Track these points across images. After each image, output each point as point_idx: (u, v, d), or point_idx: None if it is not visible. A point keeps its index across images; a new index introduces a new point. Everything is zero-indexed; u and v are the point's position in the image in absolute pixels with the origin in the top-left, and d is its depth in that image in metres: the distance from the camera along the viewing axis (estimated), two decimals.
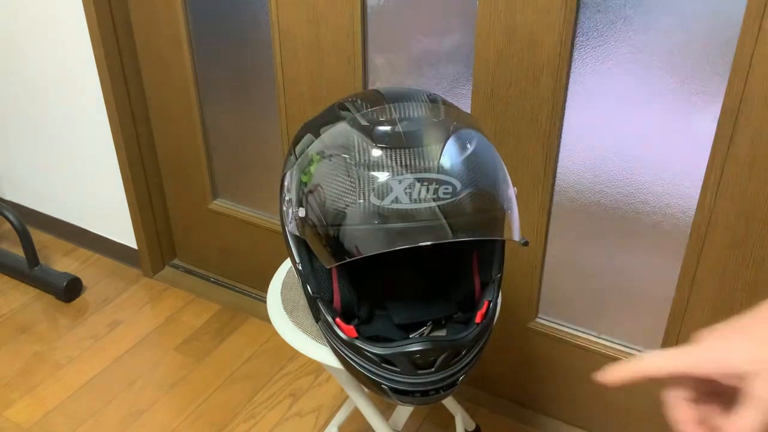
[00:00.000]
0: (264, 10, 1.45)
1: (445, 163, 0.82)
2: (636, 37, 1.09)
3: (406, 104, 0.88)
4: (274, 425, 1.53)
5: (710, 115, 1.08)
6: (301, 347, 1.00)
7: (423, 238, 0.81)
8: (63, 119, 1.87)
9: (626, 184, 1.21)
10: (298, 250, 0.94)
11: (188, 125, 1.72)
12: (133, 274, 2.00)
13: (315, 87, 1.44)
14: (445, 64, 1.29)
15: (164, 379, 1.65)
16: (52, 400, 1.60)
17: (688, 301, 1.23)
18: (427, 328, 0.98)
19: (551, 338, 1.42)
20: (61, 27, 1.70)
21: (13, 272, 1.97)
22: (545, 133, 1.22)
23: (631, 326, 1.34)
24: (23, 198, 2.17)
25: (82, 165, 1.92)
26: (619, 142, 1.19)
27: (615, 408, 1.43)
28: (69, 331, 1.80)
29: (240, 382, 1.64)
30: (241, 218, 1.79)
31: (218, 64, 1.60)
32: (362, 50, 1.35)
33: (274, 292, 1.10)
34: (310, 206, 0.85)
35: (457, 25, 1.24)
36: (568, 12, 1.10)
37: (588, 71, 1.15)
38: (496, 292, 0.94)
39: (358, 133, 0.85)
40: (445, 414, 1.47)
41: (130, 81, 1.72)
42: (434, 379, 0.86)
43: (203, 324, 1.82)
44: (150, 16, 1.61)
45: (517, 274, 1.39)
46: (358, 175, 0.82)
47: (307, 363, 1.67)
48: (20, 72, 1.87)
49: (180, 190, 1.87)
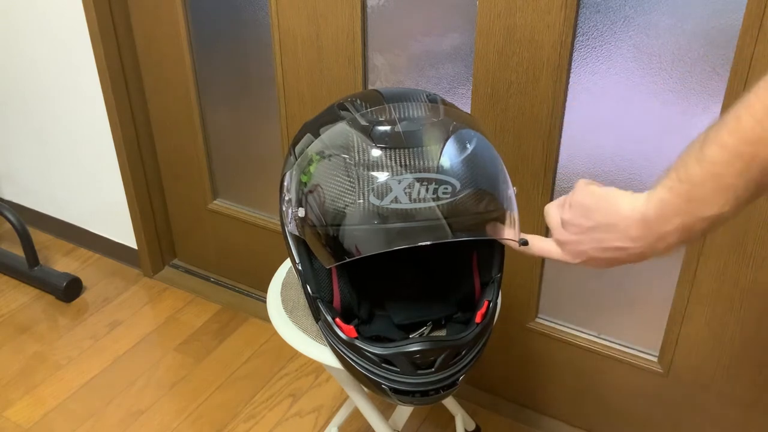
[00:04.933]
0: (264, 10, 1.45)
1: (444, 163, 0.82)
2: (636, 37, 1.09)
3: (406, 104, 0.88)
4: (274, 425, 1.53)
5: (710, 115, 1.08)
6: (301, 347, 1.00)
7: (422, 238, 0.81)
8: (63, 119, 1.87)
9: (626, 183, 1.21)
10: (297, 250, 0.94)
11: (188, 125, 1.72)
12: (133, 274, 2.00)
13: (315, 87, 1.44)
14: (445, 64, 1.29)
15: (164, 379, 1.65)
16: (52, 400, 1.60)
17: (688, 301, 1.23)
18: (427, 328, 0.98)
19: (551, 338, 1.42)
20: (61, 27, 1.70)
21: (13, 272, 1.97)
22: (545, 133, 1.22)
23: (631, 326, 1.34)
24: (23, 198, 2.17)
25: (83, 165, 1.92)
26: (619, 142, 1.19)
27: (615, 408, 1.43)
28: (69, 331, 1.80)
29: (240, 382, 1.64)
30: (241, 218, 1.79)
31: (218, 64, 1.60)
32: (362, 50, 1.35)
33: (274, 292, 1.10)
34: (309, 206, 0.85)
35: (457, 25, 1.24)
36: (568, 12, 1.10)
37: (588, 71, 1.15)
38: (495, 292, 0.94)
39: (357, 133, 0.85)
40: (445, 414, 1.47)
41: (130, 81, 1.72)
42: (434, 379, 0.86)
43: (203, 324, 1.82)
44: (150, 16, 1.62)
45: (517, 274, 1.39)
46: (357, 175, 0.82)
47: (307, 363, 1.67)
48: (20, 72, 1.87)
49: (180, 190, 1.87)
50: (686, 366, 1.29)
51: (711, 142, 0.59)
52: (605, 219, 0.71)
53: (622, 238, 0.69)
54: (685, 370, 1.30)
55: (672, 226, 0.64)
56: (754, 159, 0.56)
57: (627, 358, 1.35)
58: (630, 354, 1.35)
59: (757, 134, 0.55)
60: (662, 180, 0.65)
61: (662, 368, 1.32)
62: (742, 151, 0.57)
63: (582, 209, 0.74)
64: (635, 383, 1.37)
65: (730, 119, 0.58)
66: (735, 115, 0.57)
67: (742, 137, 0.56)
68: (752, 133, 0.56)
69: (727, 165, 0.58)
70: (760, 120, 0.55)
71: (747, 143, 0.56)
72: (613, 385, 1.40)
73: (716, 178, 0.59)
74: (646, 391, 1.36)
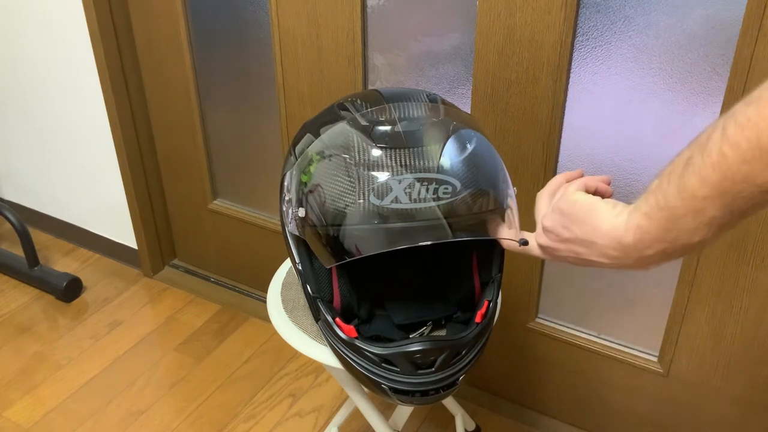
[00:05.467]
0: (264, 10, 1.45)
1: (445, 163, 0.82)
2: (636, 37, 1.09)
3: (406, 104, 0.88)
4: (274, 425, 1.53)
5: (710, 115, 1.08)
6: (301, 347, 1.00)
7: (423, 238, 0.81)
8: (63, 119, 1.87)
9: (626, 183, 1.21)
10: (298, 250, 0.94)
11: (188, 125, 1.72)
12: (133, 274, 2.00)
13: (315, 87, 1.44)
14: (445, 64, 1.29)
15: (164, 379, 1.65)
16: (52, 400, 1.60)
17: (688, 301, 1.23)
18: (427, 328, 0.98)
19: (551, 338, 1.42)
20: (61, 27, 1.70)
21: (13, 272, 1.97)
22: (545, 133, 1.22)
23: (631, 326, 1.34)
24: (23, 198, 2.17)
25: (83, 165, 1.92)
26: (619, 142, 1.19)
27: (615, 408, 1.43)
28: (69, 331, 1.80)
29: (240, 382, 1.64)
30: (241, 218, 1.79)
31: (218, 64, 1.60)
32: (362, 50, 1.35)
33: (274, 292, 1.10)
34: (309, 206, 0.85)
35: (457, 25, 1.24)
36: (568, 12, 1.10)
37: (588, 71, 1.15)
38: (496, 292, 0.94)
39: (357, 133, 0.85)
40: (445, 414, 1.47)
41: (130, 81, 1.72)
42: (434, 378, 0.86)
43: (203, 324, 1.82)
44: (150, 16, 1.62)
45: (517, 274, 1.39)
46: (357, 174, 0.82)
47: (307, 363, 1.67)
48: (20, 72, 1.87)
49: (180, 190, 1.87)
50: (686, 366, 1.29)
51: (693, 172, 0.56)
52: (584, 235, 0.70)
53: (599, 255, 0.68)
54: (685, 370, 1.30)
55: (652, 251, 0.62)
56: (740, 193, 0.53)
57: (627, 358, 1.35)
58: (630, 354, 1.35)
59: (744, 174, 0.52)
60: (641, 202, 0.62)
61: (662, 368, 1.32)
62: (727, 188, 0.54)
63: (563, 219, 0.73)
64: (635, 383, 1.37)
65: (713, 150, 0.54)
66: (719, 150, 0.53)
67: (727, 175, 0.53)
68: (738, 174, 0.52)
69: (711, 200, 0.55)
70: (748, 160, 0.51)
71: (732, 182, 0.53)
72: (613, 385, 1.40)
73: (698, 212, 0.56)
74: (646, 391, 1.37)
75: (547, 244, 0.77)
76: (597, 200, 0.71)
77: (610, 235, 0.66)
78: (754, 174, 0.51)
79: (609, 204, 0.69)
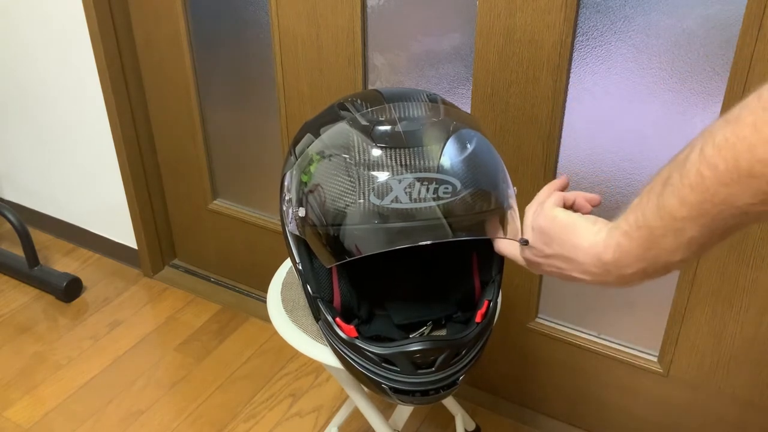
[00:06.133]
0: (264, 10, 1.45)
1: (445, 163, 0.82)
2: (636, 37, 1.09)
3: (406, 104, 0.88)
4: (274, 425, 1.53)
5: (710, 115, 1.08)
6: (301, 347, 1.00)
7: (423, 238, 0.81)
8: (63, 119, 1.87)
9: (626, 183, 1.21)
10: (298, 250, 0.94)
11: (188, 125, 1.72)
12: (133, 274, 2.00)
13: (315, 87, 1.44)
14: (445, 64, 1.29)
15: (164, 379, 1.65)
16: (52, 400, 1.60)
17: (688, 301, 1.23)
18: (427, 328, 0.98)
19: (551, 338, 1.42)
20: (61, 27, 1.70)
21: (13, 272, 1.97)
22: (545, 133, 1.22)
23: (631, 326, 1.34)
24: (23, 198, 2.17)
25: (83, 165, 1.92)
26: (619, 142, 1.19)
27: (614, 408, 1.43)
28: (69, 331, 1.80)
29: (240, 382, 1.64)
30: (241, 218, 1.79)
31: (218, 64, 1.60)
32: (362, 50, 1.35)
33: (274, 292, 1.10)
34: (310, 206, 0.85)
35: (457, 25, 1.24)
36: (568, 12, 1.10)
37: (588, 71, 1.15)
38: (496, 292, 0.94)
39: (357, 133, 0.85)
40: (445, 414, 1.47)
41: (130, 81, 1.72)
42: (434, 378, 0.86)
43: (203, 324, 1.82)
44: (150, 16, 1.62)
45: (517, 274, 1.39)
46: (358, 174, 0.82)
47: (307, 363, 1.67)
48: (20, 72, 1.87)
49: (180, 190, 1.87)
50: (686, 366, 1.29)
51: (671, 193, 0.55)
52: (564, 252, 0.70)
53: (581, 271, 0.68)
54: (685, 370, 1.30)
55: (632, 270, 0.62)
56: (720, 214, 0.52)
57: (627, 358, 1.35)
58: (630, 354, 1.35)
59: (722, 196, 0.51)
60: (621, 221, 0.62)
61: (662, 368, 1.32)
62: (707, 209, 0.53)
63: (543, 236, 0.74)
64: (635, 383, 1.37)
65: (691, 171, 0.53)
66: (697, 170, 0.52)
67: (706, 197, 0.52)
68: (717, 196, 0.51)
69: (690, 221, 0.54)
70: (727, 183, 0.50)
71: (712, 203, 0.52)
72: (613, 385, 1.40)
73: (678, 232, 0.56)
74: (646, 391, 1.37)
75: (531, 259, 0.77)
76: (576, 217, 0.71)
77: (589, 252, 0.66)
78: (733, 197, 0.50)
79: (589, 221, 0.69)
